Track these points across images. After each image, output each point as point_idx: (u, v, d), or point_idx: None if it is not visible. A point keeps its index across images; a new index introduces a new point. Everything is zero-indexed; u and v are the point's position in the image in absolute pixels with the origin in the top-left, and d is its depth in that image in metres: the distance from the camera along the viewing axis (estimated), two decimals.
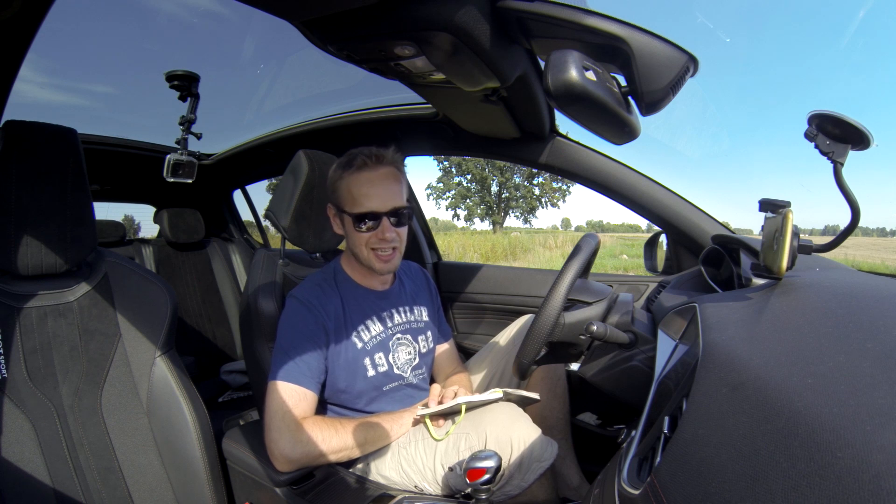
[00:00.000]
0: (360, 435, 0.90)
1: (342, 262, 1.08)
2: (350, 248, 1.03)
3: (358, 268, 1.06)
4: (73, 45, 2.01)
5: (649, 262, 1.45)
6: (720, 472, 0.32)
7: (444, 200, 32.01)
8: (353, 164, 0.95)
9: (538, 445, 0.87)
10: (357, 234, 0.97)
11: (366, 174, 0.95)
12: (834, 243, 0.65)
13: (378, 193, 0.95)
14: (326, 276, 1.04)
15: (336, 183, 0.98)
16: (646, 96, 0.65)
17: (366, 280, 1.07)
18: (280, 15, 0.69)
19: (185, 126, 1.72)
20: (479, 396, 0.93)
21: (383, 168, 0.96)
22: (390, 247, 0.98)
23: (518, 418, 0.89)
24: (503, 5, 0.70)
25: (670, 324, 0.79)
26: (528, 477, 0.87)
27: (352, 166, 0.95)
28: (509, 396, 0.96)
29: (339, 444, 0.89)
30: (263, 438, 0.89)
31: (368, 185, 0.94)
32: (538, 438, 0.88)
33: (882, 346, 0.37)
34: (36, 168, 0.84)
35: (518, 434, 0.86)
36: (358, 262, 1.03)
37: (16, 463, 0.80)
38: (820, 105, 19.04)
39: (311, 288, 1.00)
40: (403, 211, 0.98)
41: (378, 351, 1.03)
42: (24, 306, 0.86)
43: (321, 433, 0.88)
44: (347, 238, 1.02)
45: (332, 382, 0.98)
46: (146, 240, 2.30)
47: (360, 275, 1.07)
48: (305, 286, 1.01)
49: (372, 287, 1.07)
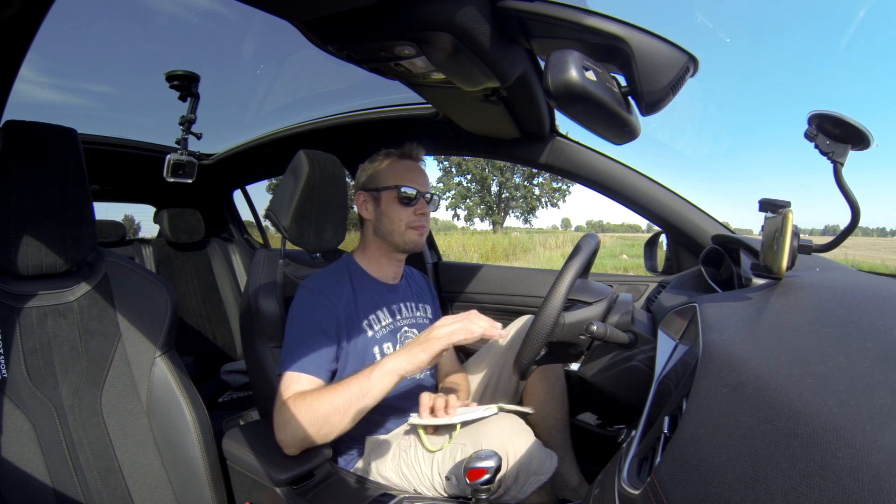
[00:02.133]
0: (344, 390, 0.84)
1: (356, 256, 1.12)
2: (381, 228, 1.08)
3: (375, 258, 1.11)
4: (73, 45, 2.01)
5: (649, 262, 1.45)
6: (720, 472, 0.32)
7: (444, 200, 32.02)
8: (395, 152, 1.10)
9: (536, 459, 0.86)
10: (398, 209, 1.06)
11: (408, 162, 1.10)
12: (834, 243, 0.65)
13: (418, 177, 1.09)
14: (339, 267, 1.09)
15: (376, 168, 1.09)
16: (646, 96, 0.65)
17: (379, 272, 1.11)
18: (280, 15, 0.69)
19: (185, 126, 1.72)
20: (474, 412, 0.92)
21: (419, 161, 1.13)
22: (424, 224, 1.09)
23: (516, 431, 0.88)
24: (503, 5, 0.70)
25: (670, 324, 0.79)
26: (525, 489, 0.86)
27: (393, 154, 1.10)
28: (504, 410, 0.95)
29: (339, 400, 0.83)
30: (264, 438, 0.88)
31: (411, 170, 1.09)
32: (537, 452, 0.87)
33: (882, 346, 0.37)
34: (36, 168, 0.84)
35: (515, 447, 0.85)
36: (378, 250, 1.10)
37: (16, 463, 0.80)
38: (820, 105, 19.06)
39: (323, 278, 1.03)
40: (434, 197, 1.12)
41: (387, 341, 1.04)
42: (24, 306, 0.85)
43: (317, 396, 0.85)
44: (382, 218, 1.07)
45: (341, 371, 0.98)
46: (146, 240, 2.30)
47: (375, 266, 1.11)
48: (317, 276, 1.03)
49: (384, 279, 1.12)
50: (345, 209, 1.19)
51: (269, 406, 0.93)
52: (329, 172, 1.13)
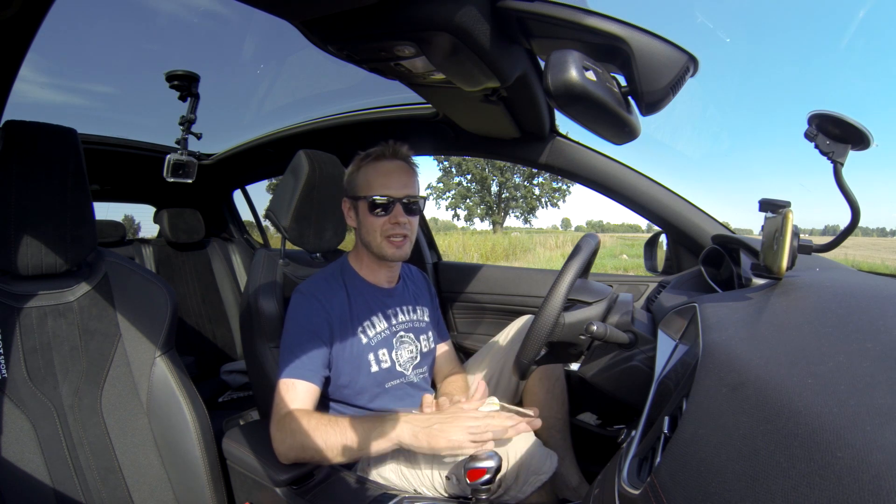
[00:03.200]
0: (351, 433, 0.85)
1: (350, 259, 1.09)
2: (362, 238, 1.03)
3: (367, 263, 1.07)
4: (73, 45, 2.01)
5: (649, 262, 1.45)
6: (720, 472, 0.32)
7: (444, 200, 32.04)
8: (371, 154, 1.01)
9: (536, 458, 0.87)
10: (372, 219, 0.99)
11: (383, 163, 1.00)
12: (834, 243, 0.65)
13: (393, 181, 0.99)
14: (334, 271, 1.06)
15: (353, 175, 1.03)
16: (646, 96, 0.65)
17: (373, 276, 1.08)
18: (280, 15, 0.69)
19: (185, 126, 1.72)
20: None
21: (399, 160, 1.01)
22: (401, 233, 1.00)
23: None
24: (503, 5, 0.70)
25: (670, 324, 0.79)
26: (525, 489, 0.87)
27: (369, 157, 1.01)
28: (506, 409, 0.95)
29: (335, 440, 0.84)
30: (264, 438, 0.88)
31: (385, 174, 0.99)
32: (537, 451, 0.88)
33: (882, 346, 0.36)
34: (36, 168, 0.84)
35: (515, 447, 0.86)
36: (368, 256, 1.05)
37: (16, 463, 0.80)
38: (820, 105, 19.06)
39: (317, 282, 1.01)
40: (416, 200, 1.02)
41: (382, 347, 1.03)
42: (24, 306, 0.85)
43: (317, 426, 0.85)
44: (361, 228, 1.03)
45: (335, 377, 0.98)
46: (146, 240, 2.30)
47: (368, 271, 1.08)
48: (312, 281, 1.02)
49: (378, 284, 1.09)
50: None
51: (268, 406, 0.93)
52: (329, 172, 1.13)
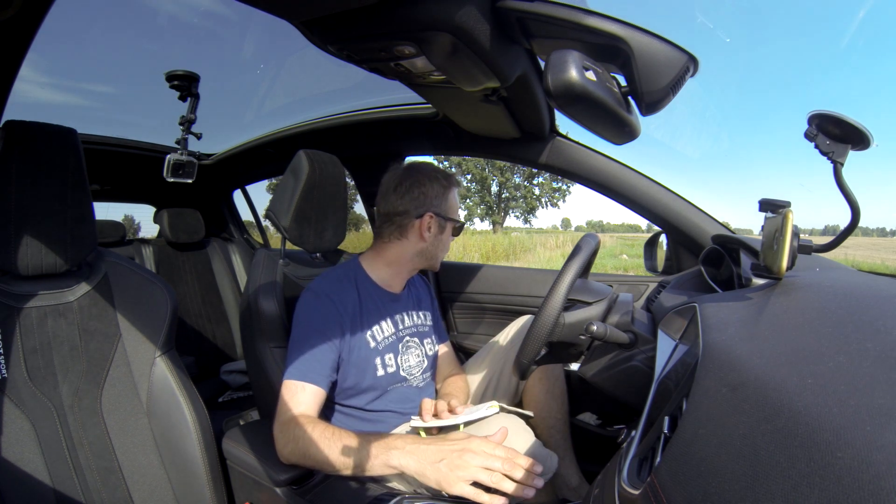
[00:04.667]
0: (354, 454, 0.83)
1: (364, 263, 1.09)
2: (429, 250, 1.09)
3: (384, 270, 1.08)
4: (73, 45, 2.01)
5: (649, 262, 1.45)
6: (720, 472, 0.32)
7: None
8: (452, 179, 1.11)
9: (537, 458, 0.86)
10: (449, 238, 1.12)
11: (456, 190, 1.12)
12: (834, 243, 0.65)
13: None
14: (347, 272, 1.05)
15: (442, 195, 1.08)
16: (646, 96, 0.65)
17: (386, 283, 1.09)
18: (280, 15, 0.69)
19: (185, 126, 1.72)
20: (475, 412, 0.92)
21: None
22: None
23: (516, 431, 0.88)
24: (503, 5, 0.70)
25: (670, 324, 0.79)
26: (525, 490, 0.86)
27: (451, 181, 1.10)
28: (505, 410, 0.95)
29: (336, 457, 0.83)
30: (264, 438, 0.88)
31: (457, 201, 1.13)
32: (537, 452, 0.87)
33: (882, 346, 0.36)
34: (36, 168, 0.84)
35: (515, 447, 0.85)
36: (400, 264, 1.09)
37: (16, 463, 0.80)
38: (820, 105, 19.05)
39: (330, 283, 1.01)
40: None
41: (388, 352, 1.03)
42: (24, 306, 0.85)
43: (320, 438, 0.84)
44: (435, 242, 1.08)
45: (341, 380, 0.98)
46: (146, 240, 2.30)
47: (383, 277, 1.09)
48: (324, 281, 1.01)
49: (390, 289, 1.10)
50: (345, 209, 1.19)
51: (269, 406, 0.93)
52: (329, 172, 1.13)
